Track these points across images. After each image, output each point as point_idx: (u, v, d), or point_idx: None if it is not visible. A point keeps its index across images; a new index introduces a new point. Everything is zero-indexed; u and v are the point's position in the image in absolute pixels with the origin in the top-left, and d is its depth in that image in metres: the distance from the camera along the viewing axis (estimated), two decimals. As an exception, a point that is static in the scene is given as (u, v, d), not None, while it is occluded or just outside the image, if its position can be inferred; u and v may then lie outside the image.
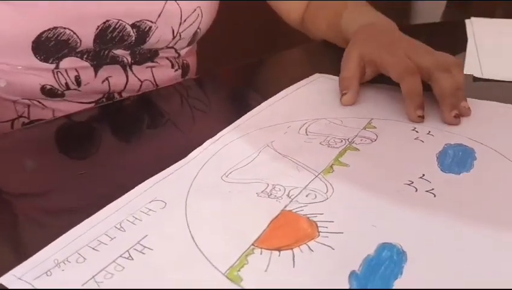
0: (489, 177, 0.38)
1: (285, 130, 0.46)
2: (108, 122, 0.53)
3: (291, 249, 0.31)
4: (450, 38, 0.78)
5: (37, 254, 0.31)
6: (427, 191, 0.36)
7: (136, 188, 0.37)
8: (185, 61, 0.72)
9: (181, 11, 0.63)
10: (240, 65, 0.71)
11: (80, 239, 0.32)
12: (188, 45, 0.69)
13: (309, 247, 0.31)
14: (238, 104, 0.57)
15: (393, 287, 0.28)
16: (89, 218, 0.34)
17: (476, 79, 0.59)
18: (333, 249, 0.31)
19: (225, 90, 0.64)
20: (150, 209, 0.35)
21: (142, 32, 0.62)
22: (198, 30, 0.68)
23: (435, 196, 0.36)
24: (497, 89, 0.57)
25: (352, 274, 0.29)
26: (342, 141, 0.44)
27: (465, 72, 0.61)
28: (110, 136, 0.50)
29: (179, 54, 0.70)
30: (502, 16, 1.01)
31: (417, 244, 0.31)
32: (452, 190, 0.37)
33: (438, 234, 0.32)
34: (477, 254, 0.30)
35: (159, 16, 0.62)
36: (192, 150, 0.42)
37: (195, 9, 0.65)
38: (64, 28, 0.57)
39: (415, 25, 1.02)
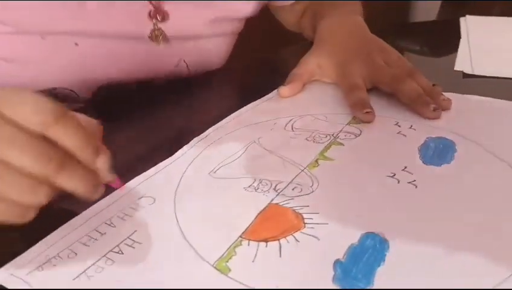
0: (469, 169, 0.39)
1: (272, 126, 0.47)
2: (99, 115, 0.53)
3: (278, 240, 0.32)
4: (444, 36, 0.79)
5: (28, 250, 0.31)
6: (409, 182, 0.37)
7: (125, 185, 0.38)
8: None
9: (189, 70, 0.63)
10: (239, 64, 0.71)
11: (70, 235, 0.33)
12: None
13: (295, 238, 0.32)
14: (231, 102, 0.57)
15: (376, 274, 0.29)
16: (80, 214, 0.35)
17: (465, 75, 0.61)
18: (318, 239, 0.32)
19: (221, 88, 0.64)
20: (139, 205, 0.36)
21: None
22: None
23: (416, 187, 0.37)
24: (488, 86, 0.58)
25: (337, 262, 0.30)
26: (326, 136, 0.45)
27: (455, 69, 0.62)
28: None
29: None
30: (499, 15, 1.03)
31: (399, 233, 0.32)
32: (433, 181, 0.38)
33: (419, 223, 0.33)
34: (457, 242, 0.31)
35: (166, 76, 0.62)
36: (181, 147, 0.43)
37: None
38: (64, 89, 0.56)
39: (411, 23, 1.04)
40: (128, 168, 0.40)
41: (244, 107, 0.52)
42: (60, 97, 0.56)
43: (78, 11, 0.51)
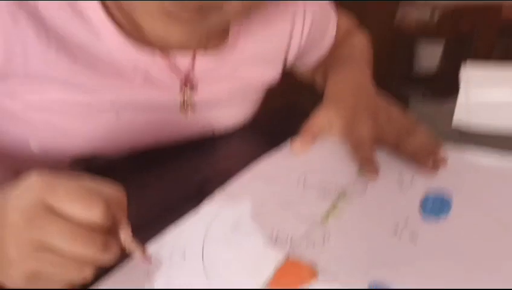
0: (465, 223, 0.44)
1: (286, 180, 0.52)
2: (127, 172, 0.58)
3: (295, 292, 0.36)
4: (446, 85, 0.84)
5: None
6: (410, 236, 0.42)
7: (156, 239, 0.42)
8: None
9: (220, 129, 0.68)
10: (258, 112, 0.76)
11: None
12: None
13: (310, 290, 0.36)
14: (250, 153, 0.62)
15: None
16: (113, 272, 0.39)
17: (462, 132, 0.65)
18: (331, 291, 0.36)
19: (241, 138, 0.69)
20: (171, 259, 0.40)
21: None
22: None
23: (417, 241, 0.41)
24: (485, 140, 0.61)
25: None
26: (336, 191, 0.50)
27: (453, 122, 0.67)
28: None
29: None
30: (501, 53, 1.08)
31: (402, 285, 0.36)
32: (432, 235, 0.42)
33: (421, 275, 0.37)
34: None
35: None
36: (203, 201, 0.48)
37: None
38: (105, 156, 0.61)
39: (415, 73, 1.09)
40: (151, 224, 0.44)
41: (261, 160, 0.57)
42: (99, 163, 0.60)
43: (124, 86, 0.56)
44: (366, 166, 0.53)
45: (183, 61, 0.58)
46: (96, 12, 0.52)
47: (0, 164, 0.61)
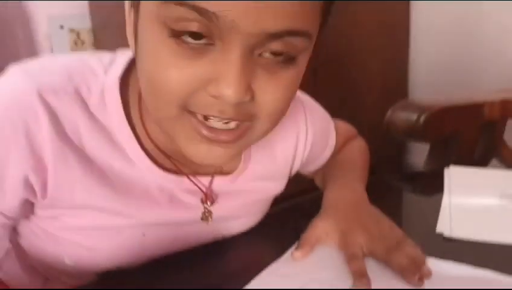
0: None
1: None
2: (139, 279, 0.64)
3: None
4: (430, 190, 0.91)
5: None
6: None
7: None
8: None
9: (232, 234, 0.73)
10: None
11: None
12: None
13: None
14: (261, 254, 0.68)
15: None
16: None
17: (446, 238, 0.70)
18: None
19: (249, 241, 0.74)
20: None
21: None
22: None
23: None
24: (467, 248, 0.67)
25: None
26: None
27: (437, 230, 0.73)
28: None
29: None
30: (484, 150, 1.15)
31: None
32: None
33: None
34: None
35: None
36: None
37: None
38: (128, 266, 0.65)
39: (402, 175, 1.16)
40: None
41: (264, 271, 0.62)
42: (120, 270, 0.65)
43: (152, 207, 0.61)
44: (358, 280, 0.58)
45: (204, 181, 0.65)
46: (130, 143, 0.58)
47: (33, 271, 0.66)
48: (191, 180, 0.64)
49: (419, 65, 2.24)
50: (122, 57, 0.60)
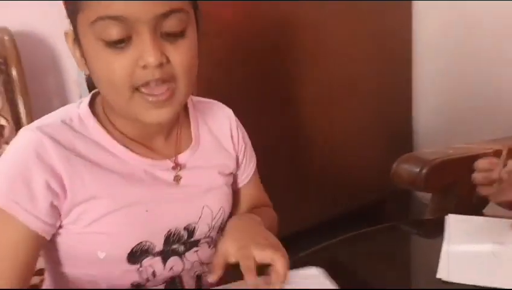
0: None
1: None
2: None
3: None
4: (432, 235, 1.01)
5: None
6: None
7: None
8: (216, 240, 0.96)
9: (212, 212, 0.91)
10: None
11: None
12: (218, 231, 0.95)
13: None
14: None
15: None
16: None
17: (445, 282, 0.80)
18: None
19: None
20: None
21: (190, 231, 0.89)
22: (223, 220, 0.94)
23: None
24: None
25: None
26: None
27: (437, 276, 0.82)
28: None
29: (212, 238, 0.95)
30: (479, 198, 1.26)
31: None
32: None
33: None
34: None
35: (199, 218, 0.89)
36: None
37: (220, 209, 0.92)
38: (146, 241, 0.83)
39: (405, 222, 1.27)
40: None
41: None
42: (143, 251, 0.83)
43: (142, 187, 0.82)
44: (247, 273, 0.74)
45: (171, 160, 0.88)
46: (111, 143, 0.82)
47: (73, 268, 0.84)
48: (165, 161, 0.86)
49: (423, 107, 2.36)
50: (87, 97, 0.87)
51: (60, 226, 0.79)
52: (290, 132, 2.05)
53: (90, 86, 0.87)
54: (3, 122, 1.63)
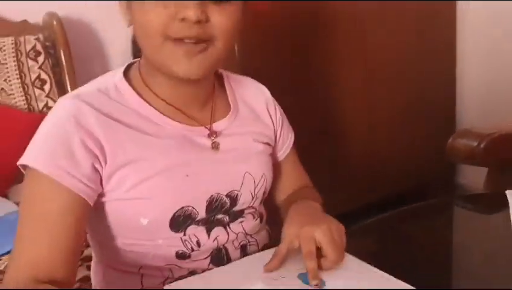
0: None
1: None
2: None
3: None
4: (493, 209, 0.99)
5: None
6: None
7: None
8: (260, 212, 0.95)
9: (254, 179, 0.89)
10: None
11: None
12: (261, 202, 0.93)
13: None
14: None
15: None
16: None
17: None
18: None
19: None
20: None
21: (233, 199, 0.87)
22: (265, 190, 0.93)
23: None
24: None
25: None
26: None
27: None
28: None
29: (256, 209, 0.93)
30: None
31: None
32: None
33: None
34: None
35: (242, 185, 0.87)
36: None
37: (262, 176, 0.90)
38: (188, 207, 0.81)
39: (459, 196, 1.24)
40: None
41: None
42: (185, 217, 0.81)
43: (181, 151, 0.82)
44: (313, 275, 0.72)
45: (208, 127, 0.87)
46: (148, 110, 0.82)
47: (128, 271, 0.83)
48: (201, 128, 0.85)
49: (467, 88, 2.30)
50: (122, 67, 0.87)
51: (102, 194, 0.79)
52: (332, 115, 2.04)
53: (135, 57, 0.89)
54: (51, 104, 1.67)
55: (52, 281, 0.70)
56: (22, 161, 0.75)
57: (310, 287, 0.72)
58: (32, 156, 0.75)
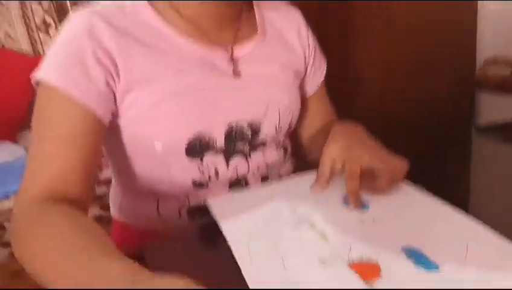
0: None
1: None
2: None
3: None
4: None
5: None
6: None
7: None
8: (284, 144, 0.90)
9: (279, 110, 0.83)
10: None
11: None
12: (285, 135, 0.87)
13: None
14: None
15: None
16: None
17: None
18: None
19: None
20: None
21: (255, 130, 0.81)
22: (291, 122, 0.86)
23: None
24: None
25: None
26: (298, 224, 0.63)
27: None
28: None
29: (280, 141, 0.87)
30: None
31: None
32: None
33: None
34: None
35: (265, 115, 0.81)
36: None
37: (287, 108, 0.83)
38: (205, 133, 0.76)
39: (484, 127, 1.18)
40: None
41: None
42: (202, 144, 0.77)
43: (199, 74, 0.76)
44: (352, 197, 0.67)
45: (229, 49, 0.80)
46: (166, 29, 0.76)
47: (144, 195, 0.80)
48: (222, 50, 0.79)
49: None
50: None
51: (117, 115, 0.75)
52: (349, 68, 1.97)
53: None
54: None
55: (65, 199, 0.66)
56: (35, 77, 0.71)
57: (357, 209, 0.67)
58: (43, 70, 0.70)
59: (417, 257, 0.53)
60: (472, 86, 1.17)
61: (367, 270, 0.51)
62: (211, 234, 0.67)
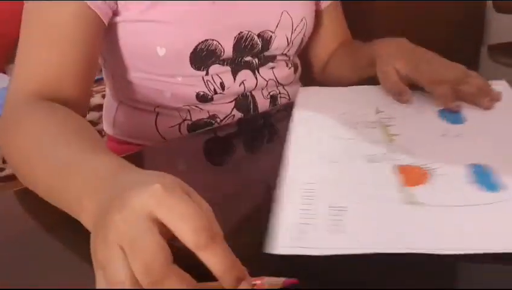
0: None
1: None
2: (242, 136, 0.73)
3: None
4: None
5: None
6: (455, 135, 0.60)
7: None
8: (295, 62, 0.88)
9: (292, 22, 0.81)
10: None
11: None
12: (296, 51, 0.86)
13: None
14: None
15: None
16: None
17: None
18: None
19: None
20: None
21: (265, 40, 0.78)
22: (304, 37, 0.84)
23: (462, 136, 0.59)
24: None
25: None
26: (373, 123, 0.65)
27: None
28: (241, 147, 0.68)
29: (290, 57, 0.86)
30: None
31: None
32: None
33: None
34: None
35: (277, 26, 0.79)
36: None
37: (302, 20, 0.81)
38: (212, 40, 0.73)
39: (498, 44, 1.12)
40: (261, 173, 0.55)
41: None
42: (209, 52, 0.73)
43: None
44: (442, 100, 0.68)
45: None
46: None
47: (141, 106, 0.77)
48: None
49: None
50: None
51: (117, 12, 0.70)
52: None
53: None
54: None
55: (58, 100, 0.61)
56: None
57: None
58: None
59: (482, 176, 0.50)
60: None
61: (413, 175, 0.50)
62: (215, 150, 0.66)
